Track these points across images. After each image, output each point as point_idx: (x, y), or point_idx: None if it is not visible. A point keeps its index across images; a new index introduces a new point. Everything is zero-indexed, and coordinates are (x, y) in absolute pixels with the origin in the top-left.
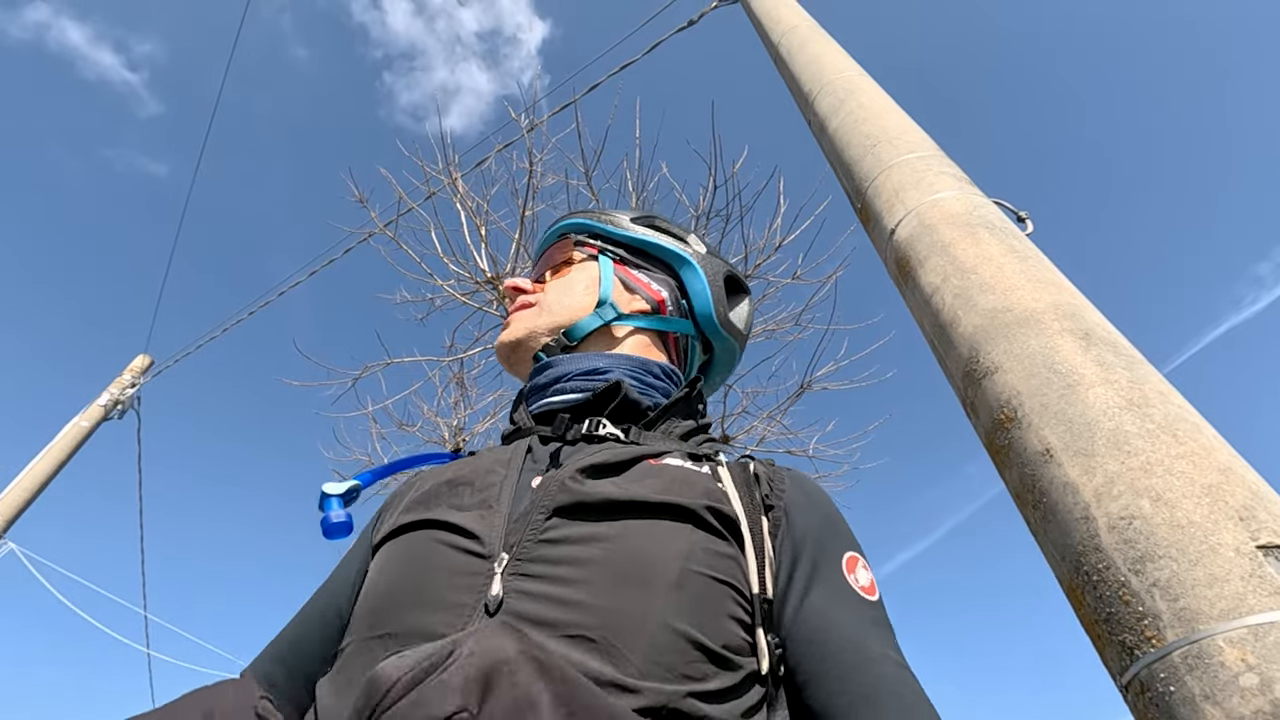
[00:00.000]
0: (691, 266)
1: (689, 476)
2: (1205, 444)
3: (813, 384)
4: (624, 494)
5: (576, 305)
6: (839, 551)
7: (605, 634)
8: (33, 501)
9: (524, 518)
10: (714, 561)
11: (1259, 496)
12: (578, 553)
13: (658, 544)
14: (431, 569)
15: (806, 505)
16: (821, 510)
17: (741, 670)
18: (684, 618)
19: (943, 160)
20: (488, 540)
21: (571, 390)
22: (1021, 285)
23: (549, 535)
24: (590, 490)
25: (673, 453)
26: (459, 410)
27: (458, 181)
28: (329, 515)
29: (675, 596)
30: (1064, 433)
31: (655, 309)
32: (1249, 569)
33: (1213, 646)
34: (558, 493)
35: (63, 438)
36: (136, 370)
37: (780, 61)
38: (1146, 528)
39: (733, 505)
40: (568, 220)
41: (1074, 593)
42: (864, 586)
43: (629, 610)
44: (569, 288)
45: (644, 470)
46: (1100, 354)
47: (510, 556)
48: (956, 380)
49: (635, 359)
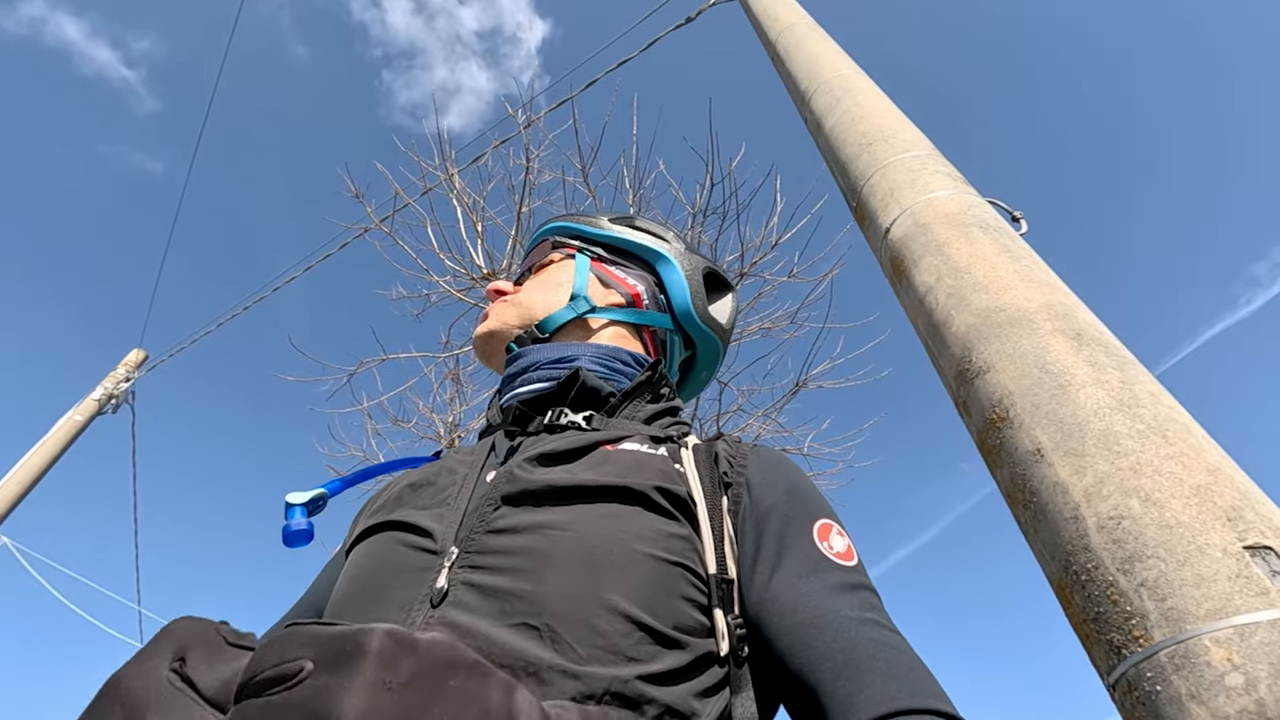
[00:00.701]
0: (668, 262)
1: (642, 459)
2: (1194, 444)
3: (808, 382)
4: (570, 480)
5: (551, 300)
6: (808, 520)
7: (546, 620)
8: (26, 495)
9: (475, 510)
10: (664, 543)
11: (1247, 497)
12: (523, 542)
13: (604, 528)
14: (387, 569)
15: (769, 478)
16: (787, 480)
17: (694, 651)
18: (630, 600)
19: (938, 159)
20: (440, 536)
21: (538, 380)
22: (1014, 285)
23: (496, 525)
24: (537, 478)
25: (633, 437)
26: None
27: (454, 177)
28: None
29: (620, 579)
30: (1055, 432)
31: (630, 303)
32: (1236, 569)
33: (1199, 646)
34: (505, 483)
35: (56, 432)
36: (131, 364)
37: (777, 59)
38: (1135, 528)
39: (689, 485)
40: (549, 224)
41: (1063, 592)
42: (839, 552)
43: (572, 595)
44: (544, 283)
45: (599, 456)
46: (1092, 354)
47: (459, 550)
48: (949, 380)
49: (604, 347)
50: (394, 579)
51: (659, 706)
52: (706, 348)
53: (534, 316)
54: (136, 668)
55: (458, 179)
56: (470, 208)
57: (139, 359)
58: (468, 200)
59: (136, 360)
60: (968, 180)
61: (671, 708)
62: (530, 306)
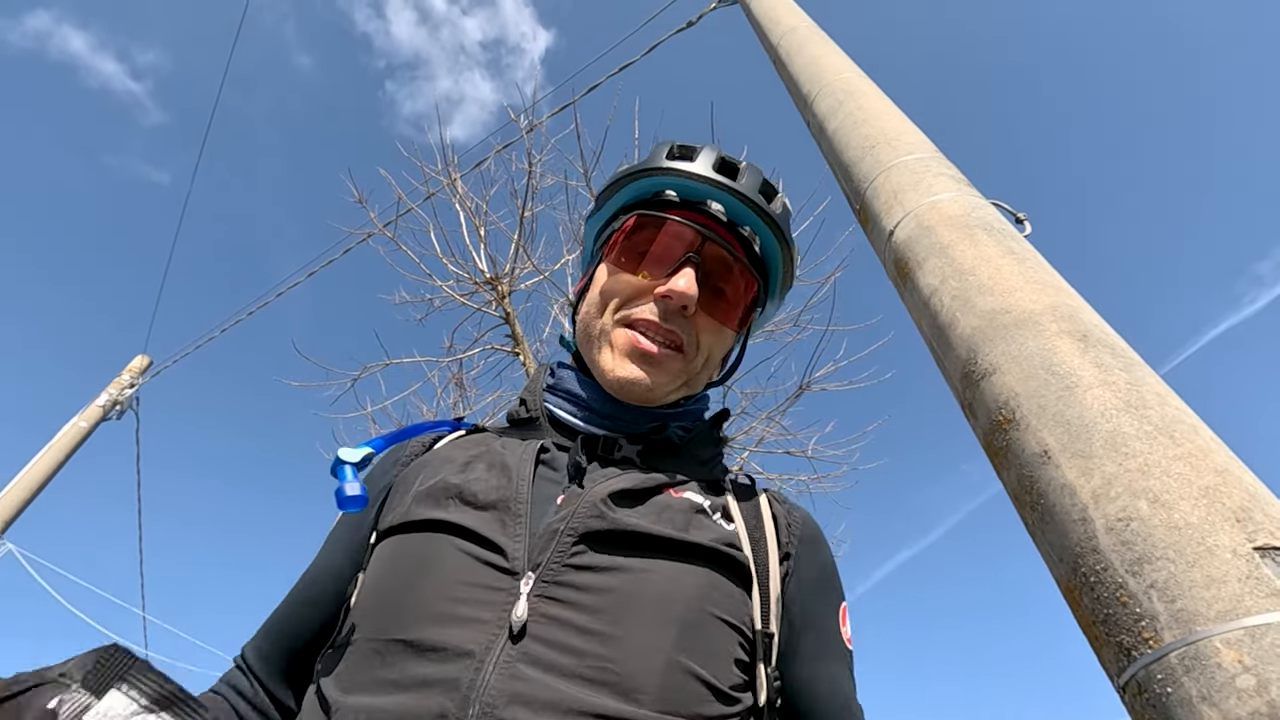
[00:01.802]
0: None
1: (704, 513)
2: (1202, 445)
3: (812, 385)
4: (650, 529)
5: (711, 370)
6: (836, 602)
7: (623, 669)
8: (31, 501)
9: (551, 537)
10: (725, 603)
11: (1256, 498)
12: (603, 582)
13: (678, 584)
14: (450, 577)
15: (813, 554)
16: (825, 557)
17: (741, 705)
18: (694, 657)
19: (941, 162)
20: (512, 555)
21: (626, 429)
22: (1019, 287)
23: (575, 561)
24: (620, 520)
25: (691, 483)
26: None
27: (457, 182)
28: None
29: (689, 636)
30: (1062, 434)
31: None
32: (1246, 570)
33: (1210, 648)
34: (588, 517)
35: (61, 438)
36: (135, 371)
37: (779, 63)
38: (1144, 529)
39: (744, 548)
40: (770, 221)
41: (1071, 594)
42: (848, 637)
43: (647, 647)
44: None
45: (665, 502)
46: (1098, 355)
47: (536, 577)
48: (955, 382)
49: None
50: (465, 593)
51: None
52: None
53: (689, 390)
54: None
55: (460, 184)
56: (473, 212)
57: (143, 365)
58: (470, 205)
59: (141, 366)
60: (971, 182)
61: None
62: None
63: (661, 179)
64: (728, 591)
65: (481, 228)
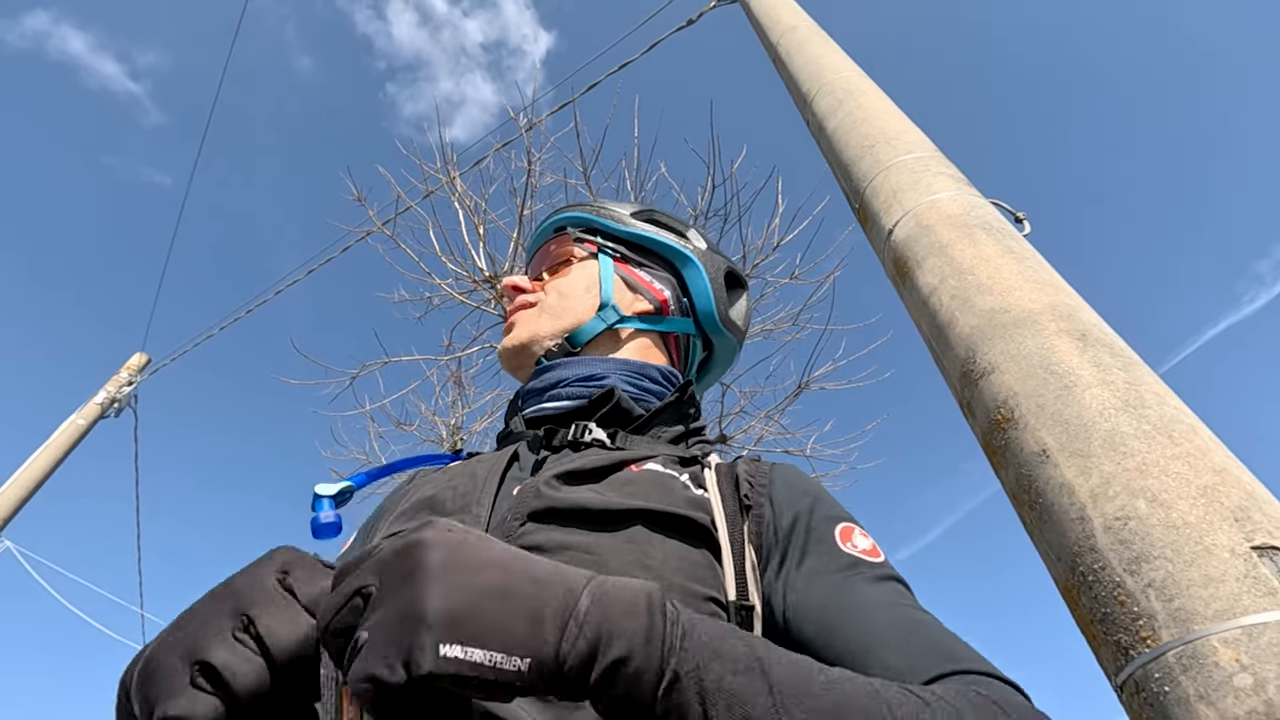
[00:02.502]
0: (694, 264)
1: (665, 481)
2: (1201, 445)
3: (810, 384)
4: (598, 502)
5: (579, 308)
6: (830, 525)
7: None
8: (29, 499)
9: (501, 524)
10: (686, 569)
11: (1254, 497)
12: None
13: (630, 554)
14: None
15: (790, 494)
16: (809, 494)
17: None
18: None
19: (941, 161)
20: None
21: (567, 396)
22: (1018, 286)
23: (522, 541)
24: (564, 497)
25: (657, 457)
26: (456, 409)
27: (456, 180)
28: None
29: None
30: (1060, 433)
31: (658, 309)
32: (1244, 570)
33: (1207, 647)
34: (532, 499)
35: (59, 436)
36: (133, 368)
37: (779, 61)
38: (1142, 528)
39: (712, 511)
40: (565, 214)
41: (1070, 593)
42: (864, 550)
43: None
44: (570, 289)
45: (624, 477)
46: (1097, 355)
47: None
48: (954, 381)
49: (633, 363)
50: None
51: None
52: (724, 349)
53: (564, 328)
54: (245, 575)
55: (459, 182)
56: (472, 210)
57: (141, 362)
58: (469, 203)
59: (139, 364)
60: (971, 182)
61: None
62: (561, 316)
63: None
64: (687, 557)
65: (480, 226)
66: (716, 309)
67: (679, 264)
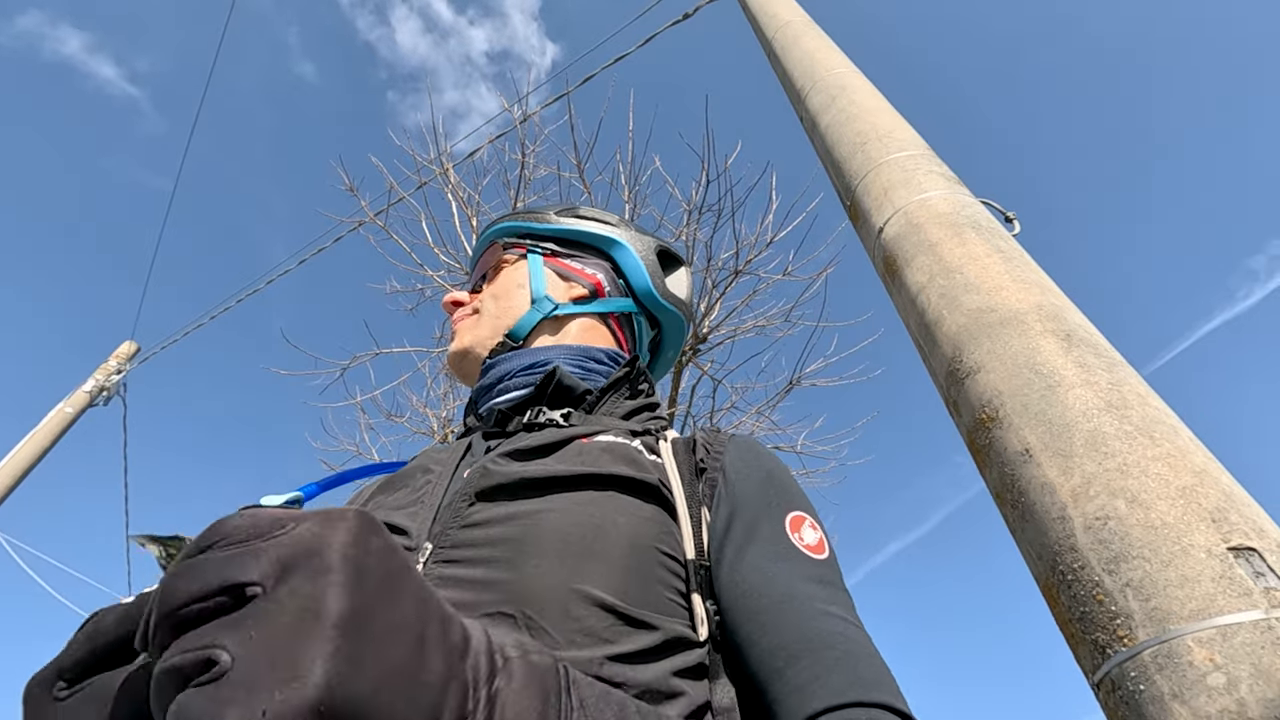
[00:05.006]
0: (621, 246)
1: (615, 448)
2: (1181, 446)
3: (802, 380)
4: (543, 472)
5: (514, 305)
6: (781, 510)
7: (522, 608)
8: (16, 488)
9: (448, 507)
10: (640, 526)
11: (1232, 499)
12: (497, 533)
13: (578, 515)
14: None
15: (745, 467)
16: (762, 470)
17: (667, 633)
18: (605, 584)
19: (932, 159)
20: (415, 533)
21: (516, 387)
22: (1006, 285)
23: (470, 520)
24: (510, 470)
25: (609, 431)
26: (448, 402)
27: (449, 172)
28: None
29: (595, 564)
30: (1044, 433)
31: (593, 293)
32: (1220, 570)
33: (1182, 646)
34: (480, 478)
35: (47, 424)
36: (122, 357)
37: (773, 57)
38: (1121, 528)
39: (666, 474)
40: (493, 227)
41: (1050, 591)
42: (810, 545)
43: (547, 582)
44: (503, 290)
45: (574, 449)
46: (1081, 355)
47: (434, 545)
48: (940, 379)
49: (575, 347)
50: None
51: (636, 686)
52: (671, 324)
53: (503, 326)
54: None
55: (453, 173)
56: (465, 202)
57: (130, 351)
58: (462, 195)
59: (128, 352)
60: (962, 180)
61: (650, 688)
62: (497, 316)
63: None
64: (640, 515)
65: (474, 218)
66: (652, 282)
67: (608, 249)
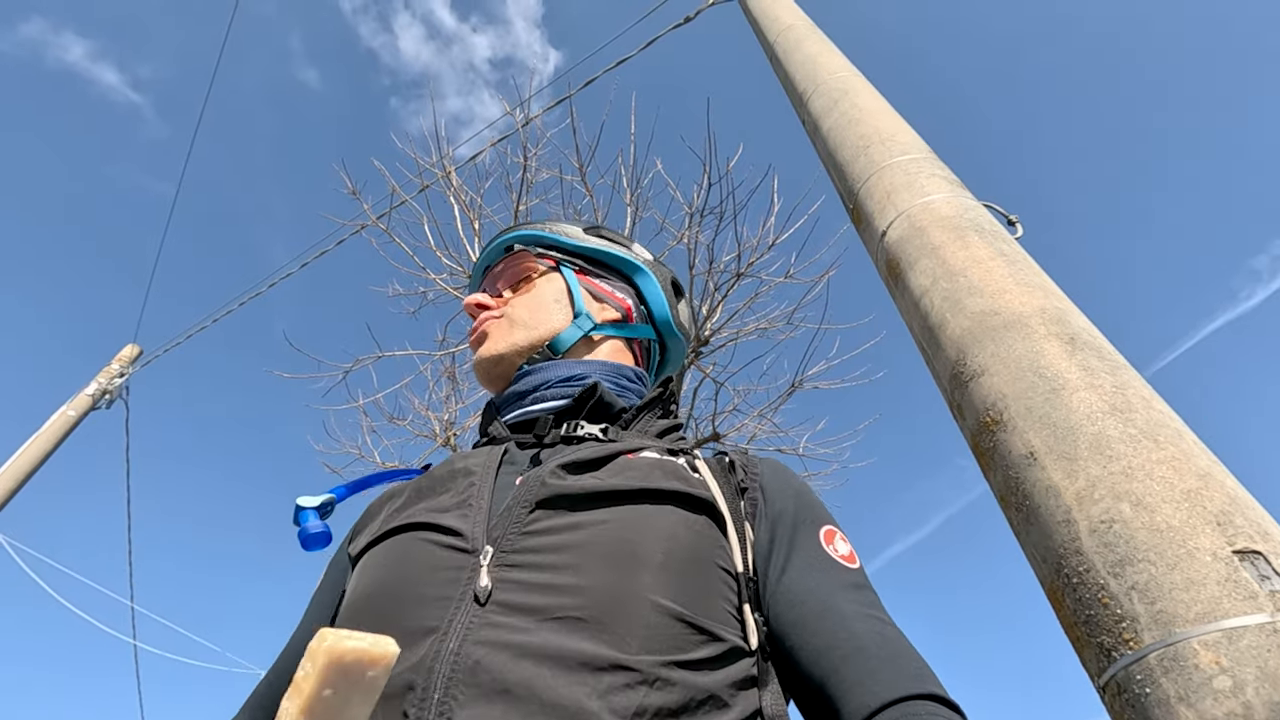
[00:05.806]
0: (647, 274)
1: (664, 464)
2: (1185, 449)
3: (804, 382)
4: (604, 485)
5: (554, 319)
6: (815, 525)
7: (596, 613)
8: (19, 491)
9: (507, 513)
10: (697, 542)
11: (1236, 502)
12: (562, 540)
13: (641, 527)
14: (417, 566)
15: (780, 486)
16: (794, 488)
17: (728, 644)
18: (671, 595)
19: (935, 163)
20: (470, 536)
21: (552, 398)
22: (1009, 289)
23: (532, 528)
24: (570, 484)
25: (650, 448)
26: (450, 404)
27: (451, 175)
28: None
29: (661, 575)
30: (1048, 436)
31: (624, 316)
32: (1225, 573)
33: (1188, 649)
34: (539, 488)
35: (49, 427)
36: (125, 360)
37: (775, 60)
38: (1126, 531)
39: (711, 491)
40: (516, 232)
41: (1055, 594)
42: (843, 555)
43: (618, 590)
44: (539, 302)
45: (622, 464)
46: (1085, 359)
47: (495, 549)
48: (944, 382)
49: (610, 364)
50: (429, 576)
51: (703, 693)
52: (676, 352)
53: (540, 337)
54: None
55: (455, 176)
56: (467, 205)
57: (133, 354)
58: (465, 198)
59: (131, 355)
60: (964, 183)
61: (713, 694)
62: (535, 328)
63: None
64: (696, 530)
65: (476, 221)
66: (671, 314)
67: (633, 274)
